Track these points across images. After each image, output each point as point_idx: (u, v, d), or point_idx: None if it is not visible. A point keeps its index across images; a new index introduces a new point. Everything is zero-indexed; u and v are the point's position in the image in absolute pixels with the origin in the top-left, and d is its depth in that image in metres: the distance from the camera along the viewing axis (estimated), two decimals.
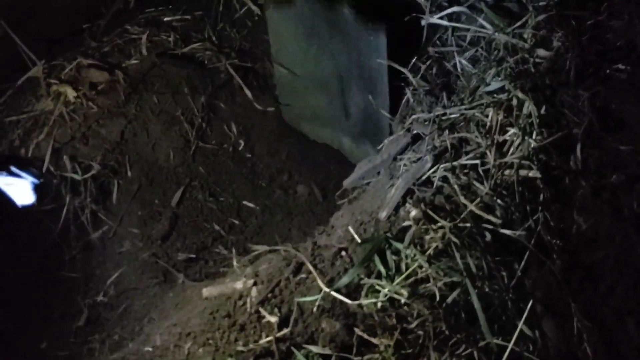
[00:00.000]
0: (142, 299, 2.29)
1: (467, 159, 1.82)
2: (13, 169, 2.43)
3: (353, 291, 1.63)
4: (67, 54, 2.62)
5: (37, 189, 2.44)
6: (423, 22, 2.37)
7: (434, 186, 1.82)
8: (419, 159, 1.96)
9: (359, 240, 1.77)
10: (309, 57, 2.62)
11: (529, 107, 1.82)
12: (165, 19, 2.81)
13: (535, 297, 1.59)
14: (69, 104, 2.51)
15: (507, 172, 1.76)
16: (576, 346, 1.57)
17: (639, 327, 1.63)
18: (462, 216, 1.67)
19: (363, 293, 1.60)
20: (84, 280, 2.41)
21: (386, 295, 1.57)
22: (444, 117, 2.04)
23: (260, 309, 1.67)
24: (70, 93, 2.51)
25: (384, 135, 2.51)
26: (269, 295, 1.72)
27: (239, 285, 1.81)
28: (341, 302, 1.60)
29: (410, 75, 2.34)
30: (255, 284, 1.78)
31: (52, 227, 2.43)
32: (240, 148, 2.80)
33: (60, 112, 2.48)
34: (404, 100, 2.39)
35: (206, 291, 1.90)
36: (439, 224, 1.67)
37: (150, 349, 1.76)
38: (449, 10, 2.31)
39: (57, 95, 2.51)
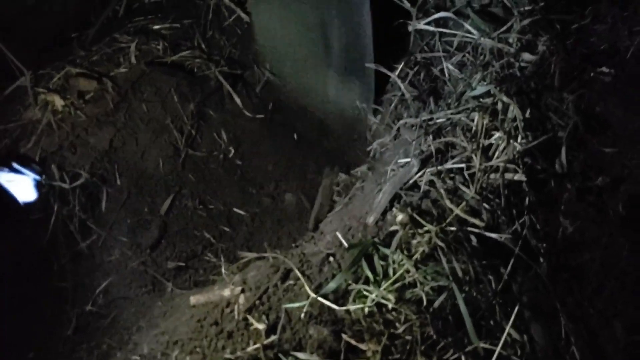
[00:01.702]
0: (130, 308, 2.28)
1: (453, 163, 1.82)
2: (15, 165, 2.42)
3: (341, 297, 1.62)
4: (55, 63, 2.61)
5: (38, 185, 2.43)
6: (410, 28, 2.38)
7: (421, 190, 1.82)
8: (406, 163, 1.96)
9: (347, 246, 1.76)
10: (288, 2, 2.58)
11: (513, 110, 1.83)
12: (155, 27, 2.81)
13: (523, 301, 1.59)
14: (57, 113, 2.50)
15: (492, 175, 1.76)
16: (564, 349, 1.57)
17: (626, 330, 1.63)
18: (448, 220, 1.67)
19: (350, 298, 1.60)
20: (72, 289, 2.39)
21: (373, 300, 1.57)
22: (430, 122, 2.05)
23: (248, 317, 1.67)
24: (59, 102, 2.50)
25: (368, 71, 2.48)
26: (257, 302, 1.71)
27: (226, 292, 1.80)
28: (329, 308, 1.59)
29: (398, 81, 2.35)
30: (243, 291, 1.78)
31: (41, 236, 2.41)
32: (230, 155, 2.80)
33: (48, 121, 2.47)
34: (392, 105, 2.40)
35: (194, 299, 1.89)
36: (426, 228, 1.67)
37: (137, 358, 1.75)
38: (436, 16, 2.32)
39: (45, 104, 2.50)
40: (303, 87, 2.83)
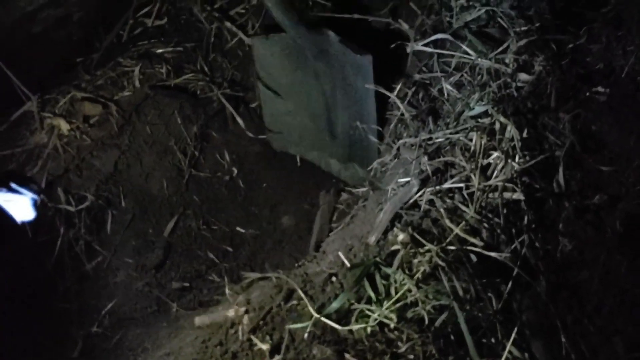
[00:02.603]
0: (136, 329, 2.30)
1: (452, 183, 1.85)
2: (13, 185, 2.45)
3: (344, 317, 1.64)
4: (61, 88, 2.66)
5: (36, 205, 2.45)
6: (408, 50, 2.43)
7: (421, 210, 1.85)
8: (406, 182, 1.99)
9: (349, 265, 1.79)
10: (294, 82, 2.66)
11: (511, 130, 1.86)
12: (158, 51, 2.86)
13: (523, 319, 1.61)
14: (63, 137, 2.54)
15: (491, 195, 1.79)
16: None
17: (626, 347, 1.64)
18: (448, 240, 1.69)
19: (353, 318, 1.62)
20: (78, 310, 2.41)
21: (376, 320, 1.59)
22: (430, 142, 2.08)
23: (252, 337, 1.69)
24: (64, 126, 2.54)
25: (371, 156, 2.55)
26: (261, 322, 1.73)
27: (230, 313, 1.82)
28: (332, 328, 1.61)
29: (397, 101, 2.38)
30: (247, 311, 1.80)
31: (47, 259, 2.44)
32: (233, 176, 2.83)
33: (54, 145, 2.51)
34: (392, 125, 2.43)
35: (198, 320, 1.91)
36: (426, 248, 1.70)
37: None
38: (433, 38, 2.37)
39: (51, 129, 2.54)
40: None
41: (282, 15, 2.36)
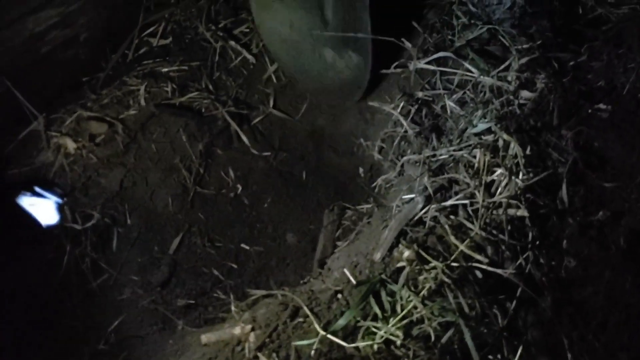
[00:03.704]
0: (142, 346, 2.30)
1: (457, 200, 1.86)
2: (37, 189, 2.48)
3: (350, 334, 1.65)
4: (67, 107, 2.69)
5: (60, 209, 2.49)
6: (411, 68, 2.45)
7: (426, 227, 1.86)
8: (410, 199, 2.00)
9: (355, 282, 1.80)
10: None
11: (514, 147, 1.88)
12: (163, 70, 2.89)
13: (528, 335, 1.62)
14: (69, 156, 2.57)
15: (495, 211, 1.80)
16: None
17: None
18: (453, 256, 1.70)
19: (359, 335, 1.63)
20: (84, 328, 2.42)
21: (382, 337, 1.59)
22: (433, 159, 2.10)
23: (259, 355, 1.69)
24: (71, 145, 2.57)
25: (365, 41, 2.49)
26: (267, 340, 1.74)
27: (237, 330, 1.83)
28: (338, 345, 1.62)
29: (401, 118, 2.41)
30: (253, 329, 1.80)
31: (53, 276, 2.45)
32: (238, 193, 2.85)
33: (60, 164, 2.54)
34: (395, 141, 2.45)
35: (205, 337, 1.92)
36: (432, 265, 1.71)
37: None
38: (436, 56, 2.40)
39: (58, 148, 2.57)
40: (301, 66, 2.89)
41: None
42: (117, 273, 2.53)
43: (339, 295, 1.79)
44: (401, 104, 2.43)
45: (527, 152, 1.89)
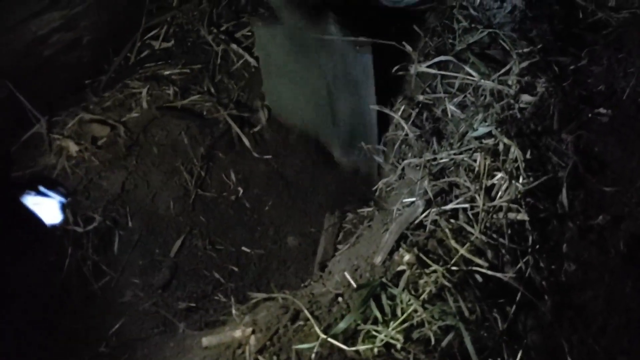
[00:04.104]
0: (143, 349, 2.30)
1: (457, 203, 1.87)
2: (41, 188, 2.49)
3: (350, 337, 1.65)
4: (69, 110, 2.71)
5: (64, 208, 2.50)
6: (412, 71, 2.46)
7: (427, 230, 1.86)
8: (411, 203, 2.01)
9: (355, 286, 1.80)
10: (296, 69, 2.69)
11: (514, 151, 1.88)
12: (165, 73, 2.91)
13: (528, 339, 1.62)
14: (71, 158, 2.58)
15: (496, 215, 1.81)
16: None
17: None
18: (453, 260, 1.71)
19: (360, 339, 1.63)
20: (86, 330, 2.43)
21: (382, 340, 1.60)
22: (434, 162, 2.10)
23: (259, 357, 1.70)
24: (73, 147, 2.58)
25: (372, 144, 2.58)
26: (268, 343, 1.74)
27: (237, 333, 1.83)
28: (339, 348, 1.62)
29: (402, 121, 2.41)
30: (253, 332, 1.81)
31: (55, 278, 2.46)
32: (239, 195, 2.85)
33: (62, 167, 2.55)
34: (396, 145, 2.46)
35: (206, 340, 1.92)
36: (432, 268, 1.72)
37: None
38: (437, 60, 2.40)
39: (60, 150, 2.58)
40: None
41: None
42: (119, 275, 2.54)
43: (340, 299, 1.80)
44: (402, 108, 2.44)
45: (528, 156, 1.90)
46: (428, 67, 2.42)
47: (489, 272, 1.68)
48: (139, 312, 2.48)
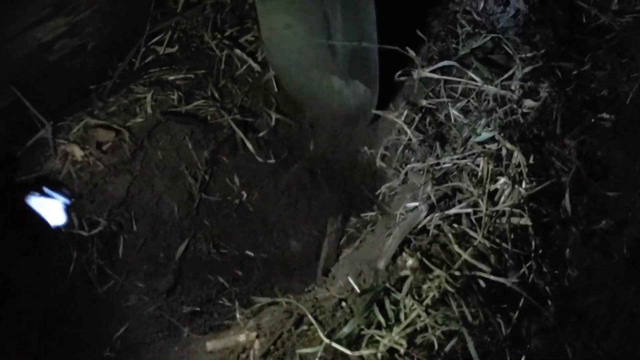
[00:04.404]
0: (147, 354, 2.32)
1: (460, 208, 1.87)
2: (45, 189, 2.51)
3: (354, 342, 1.66)
4: (74, 115, 2.71)
5: (68, 209, 2.51)
6: (415, 76, 2.47)
7: (430, 235, 1.87)
8: (414, 208, 2.02)
9: (359, 291, 1.81)
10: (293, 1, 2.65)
11: (517, 156, 1.89)
12: (169, 78, 2.92)
13: (532, 344, 1.62)
14: (76, 163, 2.59)
15: (499, 220, 1.81)
16: None
17: None
18: (456, 265, 1.72)
19: (363, 344, 1.64)
20: (90, 335, 2.44)
21: (386, 345, 1.60)
22: (437, 167, 2.11)
23: None
24: (78, 152, 2.59)
25: (372, 72, 2.56)
26: (272, 347, 1.75)
27: (242, 338, 1.85)
28: (342, 353, 1.63)
29: (405, 126, 2.42)
30: (257, 336, 1.82)
31: (60, 282, 2.48)
32: (243, 200, 2.86)
33: (67, 171, 2.56)
34: (400, 149, 2.47)
35: (210, 344, 1.94)
36: (435, 273, 1.72)
37: None
38: (440, 64, 2.41)
39: (65, 155, 2.59)
40: (308, 91, 2.93)
41: None
42: (123, 280, 2.55)
43: (343, 304, 1.81)
44: (405, 112, 2.44)
45: (531, 161, 1.90)
46: (431, 71, 2.43)
47: (492, 277, 1.69)
48: (143, 316, 2.49)
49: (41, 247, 2.48)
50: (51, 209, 2.49)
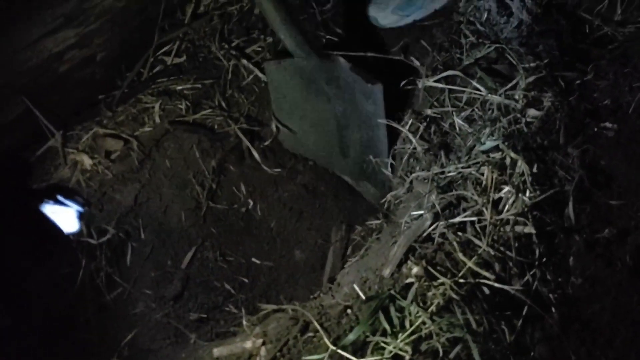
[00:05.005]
0: None
1: (465, 217, 1.89)
2: (59, 197, 2.54)
3: (359, 349, 1.68)
4: (83, 124, 2.75)
5: (81, 217, 2.56)
6: (420, 85, 2.49)
7: (435, 243, 1.89)
8: (419, 216, 2.03)
9: (364, 298, 1.83)
10: (306, 104, 2.74)
11: (521, 165, 1.90)
12: (177, 88, 2.95)
13: (536, 351, 1.64)
14: (86, 172, 2.63)
15: (503, 228, 1.83)
16: None
17: None
18: (461, 273, 1.73)
19: (369, 350, 1.65)
20: (98, 341, 2.46)
21: (391, 352, 1.62)
22: (442, 176, 2.13)
23: None
24: (87, 161, 2.63)
25: (383, 180, 2.62)
26: (278, 354, 1.77)
27: (248, 344, 1.87)
28: (348, 359, 1.65)
29: (410, 135, 2.43)
30: (264, 343, 1.84)
31: (69, 290, 2.50)
32: (249, 208, 2.89)
33: (77, 180, 2.60)
34: (404, 158, 2.49)
35: (217, 351, 1.95)
36: (440, 281, 1.74)
37: None
38: (444, 74, 2.43)
39: (74, 164, 2.63)
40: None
41: (295, 46, 2.47)
42: (131, 287, 2.58)
43: (349, 311, 1.82)
44: (410, 121, 2.46)
45: (534, 170, 1.92)
46: (436, 81, 2.45)
47: (497, 285, 1.70)
48: (150, 323, 2.51)
49: (52, 255, 2.51)
50: (64, 216, 2.53)
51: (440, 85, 2.44)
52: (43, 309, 2.47)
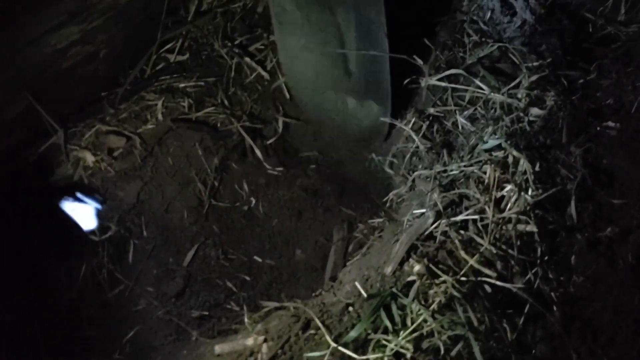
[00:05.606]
0: (156, 357, 2.34)
1: (467, 215, 1.89)
2: (78, 194, 2.55)
3: (361, 346, 1.68)
4: (86, 121, 2.76)
5: (99, 214, 2.59)
6: (423, 84, 2.49)
7: (437, 241, 1.89)
8: (421, 214, 2.04)
9: (366, 296, 1.83)
10: (309, 17, 2.68)
11: (523, 164, 1.90)
12: (180, 85, 2.96)
13: (537, 350, 1.64)
14: (88, 169, 2.64)
15: (505, 227, 1.83)
16: None
17: None
18: (463, 271, 1.73)
19: (370, 348, 1.66)
20: (100, 338, 2.47)
21: (392, 350, 1.62)
22: (444, 174, 2.13)
23: None
24: (90, 158, 2.63)
25: (385, 90, 2.61)
26: (279, 351, 1.78)
27: (250, 341, 1.87)
28: (349, 357, 1.65)
29: (412, 133, 2.43)
30: (265, 340, 1.84)
31: (71, 287, 2.51)
32: (251, 206, 2.89)
33: (79, 177, 2.61)
34: (407, 157, 2.49)
35: (218, 348, 1.96)
36: (442, 279, 1.74)
37: None
38: (447, 73, 2.43)
39: (77, 161, 2.64)
40: (324, 114, 2.98)
41: None
42: (133, 284, 2.58)
43: (350, 308, 1.83)
44: (413, 120, 2.46)
45: (537, 168, 1.92)
46: (439, 80, 2.45)
47: (498, 283, 1.70)
48: (152, 320, 2.51)
49: (72, 253, 2.53)
50: (83, 213, 2.55)
51: (443, 84, 2.44)
52: (45, 305, 2.48)
